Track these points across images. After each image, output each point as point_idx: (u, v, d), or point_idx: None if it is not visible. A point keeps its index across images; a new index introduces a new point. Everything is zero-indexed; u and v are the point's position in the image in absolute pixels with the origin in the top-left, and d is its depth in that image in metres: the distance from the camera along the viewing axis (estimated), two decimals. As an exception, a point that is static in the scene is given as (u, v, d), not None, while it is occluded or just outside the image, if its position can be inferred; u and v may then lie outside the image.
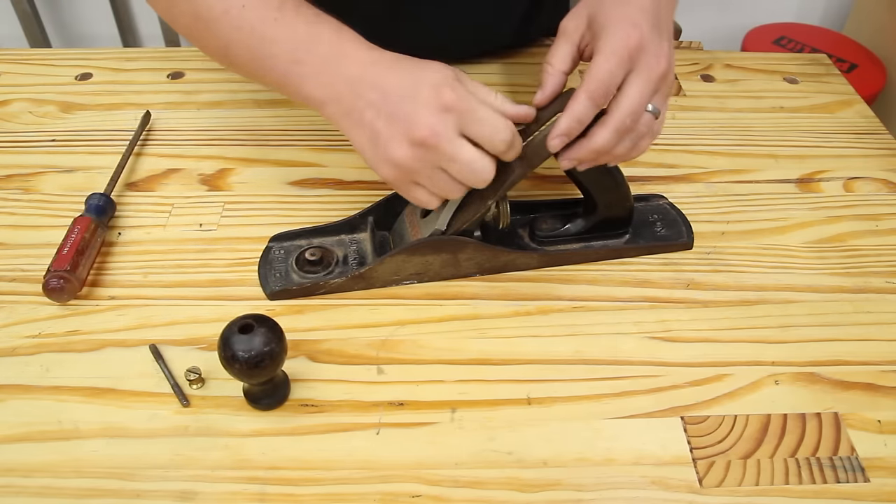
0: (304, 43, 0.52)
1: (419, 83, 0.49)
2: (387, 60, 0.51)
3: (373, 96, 0.50)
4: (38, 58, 0.85)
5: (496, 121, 0.49)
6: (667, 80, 0.52)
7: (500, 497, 0.47)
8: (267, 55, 0.54)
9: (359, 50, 0.52)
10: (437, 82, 0.48)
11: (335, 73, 0.51)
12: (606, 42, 0.50)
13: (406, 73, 0.50)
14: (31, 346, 0.54)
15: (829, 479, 0.48)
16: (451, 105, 0.48)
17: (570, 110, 0.50)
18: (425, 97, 0.48)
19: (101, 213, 0.62)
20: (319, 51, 0.52)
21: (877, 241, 0.65)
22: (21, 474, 0.47)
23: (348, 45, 0.52)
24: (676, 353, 0.55)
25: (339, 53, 0.52)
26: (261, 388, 0.50)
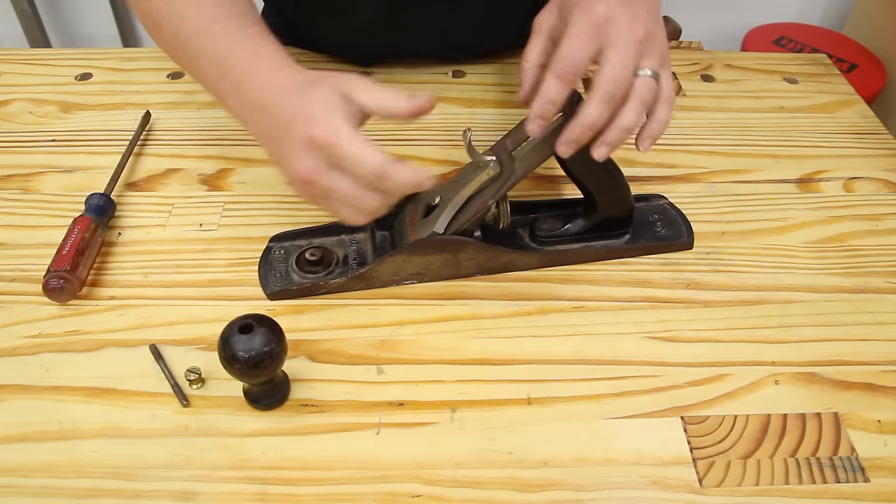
0: (225, 61, 0.54)
1: (296, 115, 0.50)
2: (278, 85, 0.52)
3: (263, 125, 0.53)
4: (38, 58, 0.85)
5: (360, 157, 0.48)
6: (651, 43, 0.51)
7: (500, 497, 0.47)
8: (196, 68, 0.57)
9: (263, 73, 0.53)
10: (311, 115, 0.49)
11: (242, 95, 0.54)
12: (572, 23, 0.51)
13: (291, 101, 0.51)
14: (31, 346, 0.54)
15: (829, 479, 0.48)
16: (318, 143, 0.48)
17: (539, 93, 0.51)
18: (298, 134, 0.49)
19: (101, 213, 0.62)
20: (233, 73, 0.54)
21: (877, 241, 0.65)
22: (21, 474, 0.47)
23: (258, 67, 0.53)
24: (676, 353, 0.55)
25: (247, 76, 0.53)
26: (261, 388, 0.50)
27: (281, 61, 0.54)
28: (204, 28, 0.56)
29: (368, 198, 0.50)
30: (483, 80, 0.83)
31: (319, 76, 0.52)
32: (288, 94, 0.51)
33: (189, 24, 0.56)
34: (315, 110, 0.49)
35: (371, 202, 0.51)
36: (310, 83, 0.51)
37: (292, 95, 0.51)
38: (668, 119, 0.54)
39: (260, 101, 0.52)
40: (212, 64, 0.55)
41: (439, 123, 0.76)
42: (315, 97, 0.50)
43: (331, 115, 0.49)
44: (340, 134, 0.48)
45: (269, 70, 0.53)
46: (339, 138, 0.48)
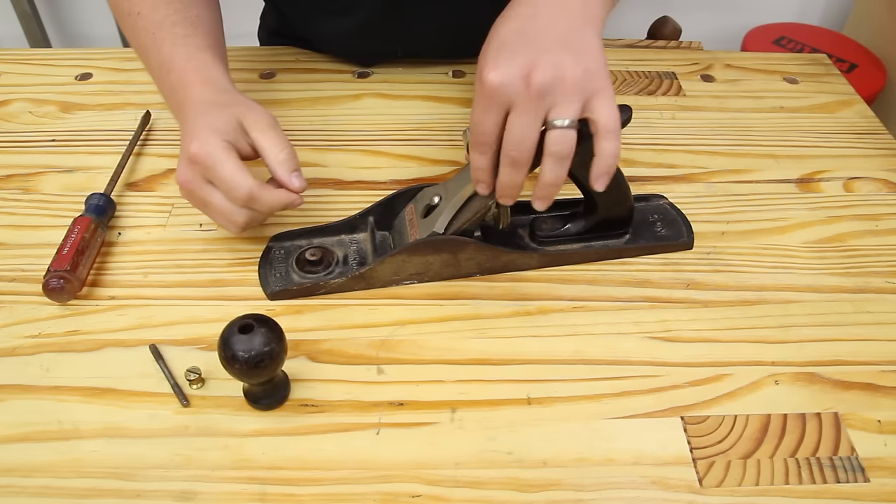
0: (164, 65, 0.61)
1: (190, 129, 0.55)
2: (195, 98, 0.58)
3: (181, 128, 0.58)
4: (38, 58, 0.85)
5: (230, 181, 0.53)
6: (552, 94, 0.46)
7: (500, 497, 0.47)
8: (147, 64, 0.64)
9: (190, 85, 0.59)
10: (196, 133, 0.54)
11: (173, 99, 0.61)
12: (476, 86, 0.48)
13: (195, 115, 0.56)
14: (31, 346, 0.54)
15: (829, 479, 0.48)
16: (195, 159, 0.54)
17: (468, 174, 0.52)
18: (184, 145, 0.55)
19: (101, 213, 0.62)
20: (170, 77, 0.60)
21: (877, 241, 0.65)
22: (21, 474, 0.47)
23: (188, 78, 0.59)
24: (676, 353, 0.55)
25: (180, 84, 0.59)
26: (261, 388, 0.50)
27: (208, 77, 0.59)
28: (153, 30, 0.62)
29: (240, 213, 0.55)
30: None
31: (232, 102, 0.57)
32: (195, 109, 0.57)
33: (142, 23, 0.62)
34: (201, 129, 0.54)
35: (241, 217, 0.56)
36: (217, 105, 0.57)
37: (198, 111, 0.56)
38: (614, 151, 0.48)
39: (181, 108, 0.59)
40: (156, 65, 0.61)
41: (439, 123, 0.76)
42: (210, 117, 0.55)
43: (212, 137, 0.54)
44: (214, 156, 0.53)
45: (195, 83, 0.58)
46: (213, 160, 0.53)
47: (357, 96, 0.80)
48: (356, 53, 0.84)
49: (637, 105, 0.78)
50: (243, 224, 0.56)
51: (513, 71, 0.46)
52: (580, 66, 0.47)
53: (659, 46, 0.92)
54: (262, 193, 0.54)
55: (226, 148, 0.54)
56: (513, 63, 0.46)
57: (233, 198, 0.54)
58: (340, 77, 0.83)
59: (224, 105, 0.57)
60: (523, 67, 0.46)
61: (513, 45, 0.47)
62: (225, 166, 0.53)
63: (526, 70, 0.46)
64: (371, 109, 0.78)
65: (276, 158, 0.55)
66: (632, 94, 0.82)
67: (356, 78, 0.83)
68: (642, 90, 0.83)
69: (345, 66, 0.84)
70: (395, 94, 0.80)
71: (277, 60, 0.85)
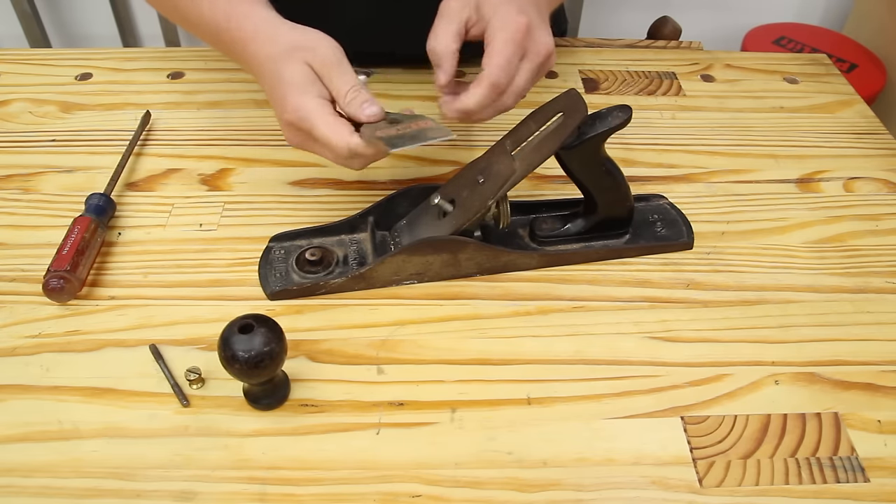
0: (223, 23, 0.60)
1: (273, 92, 0.55)
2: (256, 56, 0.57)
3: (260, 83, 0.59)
4: (38, 58, 0.85)
5: (330, 141, 0.53)
6: (549, 63, 0.58)
7: (500, 497, 0.47)
8: (195, 31, 0.64)
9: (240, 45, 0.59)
10: (282, 96, 0.54)
11: (236, 57, 0.61)
12: (501, 29, 0.55)
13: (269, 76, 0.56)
14: (31, 346, 0.54)
15: (829, 479, 0.48)
16: (293, 124, 0.54)
17: (476, 98, 0.56)
18: (278, 110, 0.56)
19: (101, 213, 0.62)
20: (223, 39, 0.60)
21: (877, 241, 0.65)
22: (21, 474, 0.47)
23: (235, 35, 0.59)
24: (676, 353, 0.55)
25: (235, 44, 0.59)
26: (261, 388, 0.50)
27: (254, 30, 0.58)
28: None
29: (352, 162, 0.55)
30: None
31: (291, 47, 0.55)
32: (264, 69, 0.56)
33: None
34: (283, 93, 0.54)
35: (356, 164, 0.55)
36: (280, 59, 0.55)
37: (268, 71, 0.56)
38: None
39: (248, 66, 0.59)
40: (211, 27, 0.61)
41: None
42: (285, 75, 0.54)
43: (297, 99, 0.53)
44: (310, 117, 0.53)
45: (247, 42, 0.58)
46: (309, 122, 0.53)
47: (357, 96, 0.80)
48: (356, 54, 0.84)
49: (637, 105, 0.78)
50: (360, 167, 0.56)
51: (541, 29, 0.58)
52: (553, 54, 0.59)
53: (659, 46, 0.92)
54: (360, 148, 0.53)
55: (314, 107, 0.53)
56: (539, 20, 0.58)
57: (336, 155, 0.54)
58: (340, 77, 0.83)
59: (286, 55, 0.55)
60: (543, 31, 0.58)
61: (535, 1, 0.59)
62: (318, 128, 0.53)
63: (544, 35, 0.58)
64: (371, 109, 0.78)
65: (345, 99, 0.54)
66: (632, 94, 0.82)
67: (356, 78, 0.83)
68: (642, 90, 0.83)
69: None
70: (395, 94, 0.80)
71: (277, 60, 0.85)
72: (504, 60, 0.55)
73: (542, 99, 0.58)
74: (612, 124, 0.55)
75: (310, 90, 0.54)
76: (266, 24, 0.58)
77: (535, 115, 0.57)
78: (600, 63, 0.86)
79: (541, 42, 0.57)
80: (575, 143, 0.55)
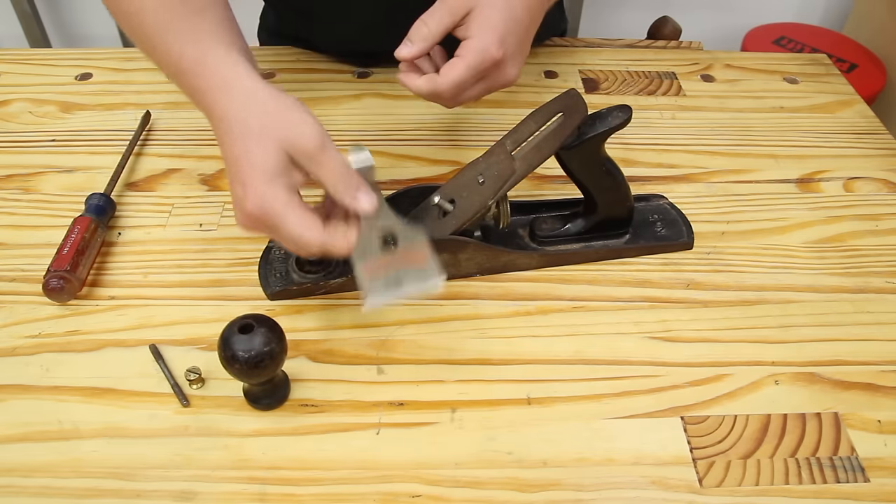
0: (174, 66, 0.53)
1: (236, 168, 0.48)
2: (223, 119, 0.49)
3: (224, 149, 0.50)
4: (38, 58, 0.85)
5: (299, 239, 0.48)
6: (509, 85, 0.59)
7: (500, 497, 0.47)
8: (159, 65, 0.57)
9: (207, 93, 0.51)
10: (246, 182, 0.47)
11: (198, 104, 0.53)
12: (474, 51, 0.55)
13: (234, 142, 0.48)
14: (31, 346, 0.54)
15: (829, 479, 0.48)
16: (255, 217, 0.47)
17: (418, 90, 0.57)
18: (237, 193, 0.48)
19: (101, 213, 0.62)
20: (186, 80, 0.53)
21: (877, 241, 0.65)
22: (21, 474, 0.47)
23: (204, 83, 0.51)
24: (676, 353, 0.55)
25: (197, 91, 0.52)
26: (261, 388, 0.50)
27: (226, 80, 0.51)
28: (165, 27, 0.54)
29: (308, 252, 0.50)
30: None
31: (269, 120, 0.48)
32: (230, 135, 0.49)
33: (151, 19, 0.54)
34: (248, 176, 0.47)
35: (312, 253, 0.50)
36: (253, 131, 0.48)
37: (234, 141, 0.48)
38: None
39: (211, 119, 0.51)
40: (169, 67, 0.55)
41: (439, 123, 0.76)
42: (254, 155, 0.47)
43: (265, 188, 0.47)
44: (273, 215, 0.47)
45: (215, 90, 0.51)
46: (274, 219, 0.47)
47: (357, 96, 0.80)
48: (356, 54, 0.84)
49: (637, 105, 0.78)
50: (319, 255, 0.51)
51: (513, 59, 0.58)
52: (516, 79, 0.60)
53: (659, 46, 0.92)
54: (332, 243, 0.48)
55: (284, 200, 0.47)
56: (517, 50, 0.58)
57: (304, 250, 0.49)
58: (340, 77, 0.83)
59: (260, 132, 0.48)
60: (515, 61, 0.58)
61: (524, 28, 0.59)
62: (287, 225, 0.47)
63: (515, 64, 0.59)
64: (371, 109, 0.78)
65: (334, 190, 0.48)
66: (632, 94, 0.82)
67: (356, 78, 0.83)
68: (642, 90, 0.83)
69: (345, 66, 0.84)
70: (395, 94, 0.80)
71: (277, 60, 0.85)
72: (458, 80, 0.56)
73: (542, 99, 0.58)
74: (612, 124, 0.55)
75: (279, 180, 0.47)
76: (241, 81, 0.50)
77: (535, 115, 0.57)
78: (600, 63, 0.86)
79: (505, 74, 0.58)
80: (575, 143, 0.55)
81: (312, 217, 0.48)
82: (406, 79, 0.58)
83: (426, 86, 0.57)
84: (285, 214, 0.47)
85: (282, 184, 0.47)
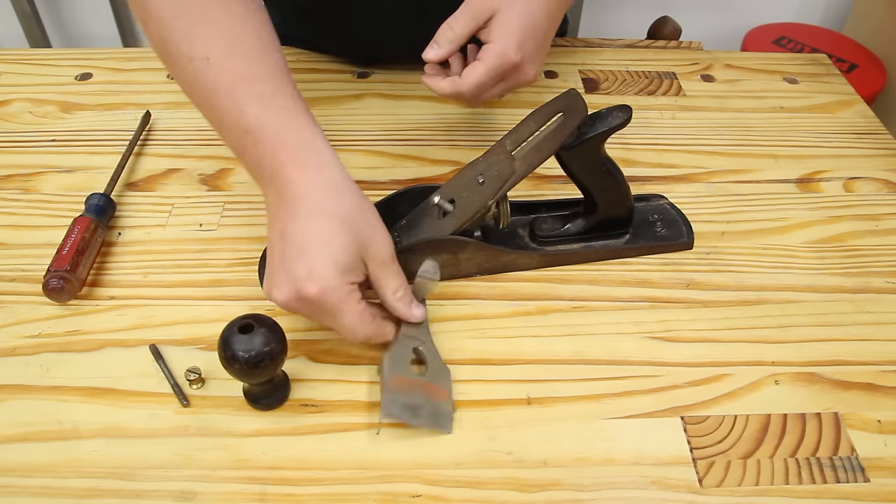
0: (250, 132, 0.49)
1: (301, 250, 0.47)
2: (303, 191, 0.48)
3: (273, 211, 0.49)
4: (38, 58, 0.85)
5: (351, 332, 0.49)
6: (528, 85, 0.63)
7: (500, 497, 0.47)
8: (219, 125, 0.52)
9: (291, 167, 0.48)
10: (314, 268, 0.46)
11: (259, 171, 0.50)
12: (494, 54, 0.59)
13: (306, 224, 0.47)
14: (31, 346, 0.54)
15: (829, 479, 0.48)
16: (313, 301, 0.47)
17: (441, 90, 0.61)
18: (292, 272, 0.47)
19: (101, 213, 0.62)
20: (256, 149, 0.49)
21: (877, 241, 0.65)
22: (21, 474, 0.47)
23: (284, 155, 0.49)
24: (676, 353, 0.55)
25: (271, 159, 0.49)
26: (261, 388, 0.50)
27: (318, 156, 0.49)
28: (232, 85, 0.50)
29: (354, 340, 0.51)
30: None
31: (352, 213, 0.48)
32: (310, 215, 0.47)
33: (214, 75, 0.50)
34: (322, 266, 0.46)
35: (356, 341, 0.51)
36: (338, 222, 0.47)
37: (311, 214, 0.47)
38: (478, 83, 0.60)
39: (277, 190, 0.49)
40: (236, 128, 0.50)
41: (439, 123, 0.76)
42: (333, 249, 0.47)
43: (336, 280, 0.47)
44: (336, 306, 0.47)
45: (300, 165, 0.48)
46: (335, 309, 0.48)
47: (357, 96, 0.80)
48: (359, 55, 0.84)
49: (637, 105, 0.78)
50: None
51: (531, 62, 0.62)
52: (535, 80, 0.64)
53: (659, 46, 0.92)
54: (378, 335, 0.51)
55: (349, 294, 0.48)
56: (535, 53, 0.61)
57: (350, 337, 0.50)
58: (341, 77, 0.83)
59: (346, 221, 0.48)
60: (533, 63, 0.62)
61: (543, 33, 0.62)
62: (346, 316, 0.48)
63: (534, 66, 0.63)
64: (371, 109, 0.78)
65: (394, 297, 0.51)
66: (632, 94, 0.82)
67: (357, 78, 0.83)
68: (642, 90, 0.83)
69: (345, 66, 0.84)
70: (396, 94, 0.80)
71: (277, 60, 0.85)
72: (478, 82, 0.59)
73: (542, 99, 0.58)
74: (612, 124, 0.55)
75: (348, 276, 0.48)
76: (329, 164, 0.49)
77: (535, 115, 0.57)
78: (600, 63, 0.86)
79: (524, 75, 0.61)
80: (575, 143, 0.55)
81: (366, 311, 0.49)
82: (430, 81, 0.62)
83: (449, 87, 0.61)
84: (344, 309, 0.48)
85: (348, 280, 0.48)
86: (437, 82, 0.61)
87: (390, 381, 0.50)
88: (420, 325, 0.54)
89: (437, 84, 0.61)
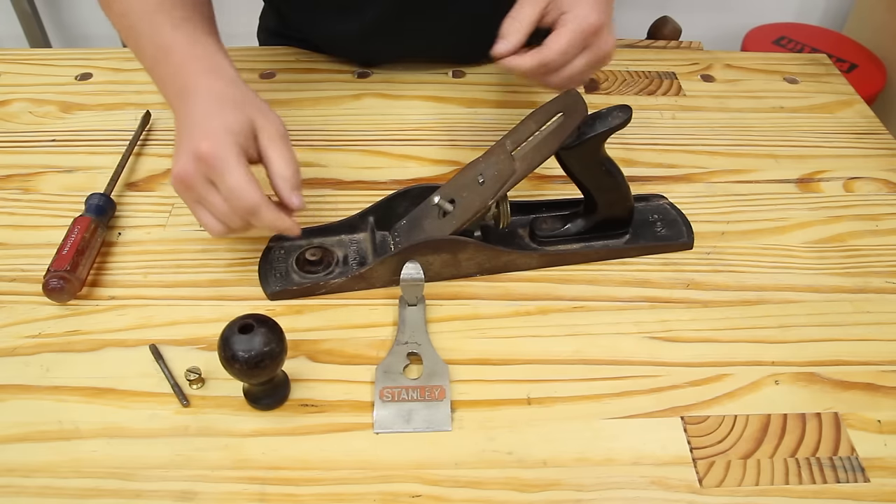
0: (163, 48, 0.57)
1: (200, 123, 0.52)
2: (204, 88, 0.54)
3: (179, 115, 0.55)
4: (38, 58, 0.85)
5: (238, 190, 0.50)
6: (606, 61, 0.61)
7: (500, 497, 0.47)
8: (140, 49, 0.60)
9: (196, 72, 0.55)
10: (208, 131, 0.51)
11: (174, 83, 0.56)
12: (573, 20, 0.57)
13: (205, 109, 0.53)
14: (31, 346, 0.54)
15: (829, 479, 0.48)
16: (202, 157, 0.50)
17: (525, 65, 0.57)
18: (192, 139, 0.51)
19: (101, 213, 0.62)
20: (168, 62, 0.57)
21: (877, 241, 0.65)
22: (21, 474, 0.47)
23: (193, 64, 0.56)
24: (676, 353, 0.55)
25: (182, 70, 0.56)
26: (261, 388, 0.50)
27: (215, 65, 0.56)
28: (150, 11, 0.58)
29: (233, 220, 0.53)
30: (483, 79, 0.83)
31: (244, 100, 0.54)
32: (205, 101, 0.53)
33: (137, 6, 0.59)
34: (215, 127, 0.51)
35: (235, 224, 0.53)
36: (229, 101, 0.53)
37: (210, 104, 0.53)
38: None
39: (183, 95, 0.55)
40: (152, 48, 0.58)
41: (439, 123, 0.76)
42: (226, 116, 0.52)
43: (227, 138, 0.51)
44: (226, 160, 0.50)
45: (201, 72, 0.55)
46: (224, 164, 0.50)
47: (357, 96, 0.80)
48: (358, 55, 0.84)
49: (637, 105, 0.78)
50: (232, 231, 0.54)
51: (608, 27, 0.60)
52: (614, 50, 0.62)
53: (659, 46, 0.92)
54: (265, 210, 0.51)
55: (238, 153, 0.51)
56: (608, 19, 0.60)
57: (234, 206, 0.51)
58: (340, 77, 0.83)
59: (237, 102, 0.54)
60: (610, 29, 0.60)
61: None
62: (234, 172, 0.50)
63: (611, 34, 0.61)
64: (371, 109, 0.78)
65: (280, 173, 0.53)
66: (632, 94, 0.82)
67: (356, 78, 0.83)
68: (642, 90, 0.83)
69: (345, 66, 0.84)
70: (396, 94, 0.80)
71: (277, 60, 0.85)
72: (563, 47, 0.57)
73: (542, 99, 0.58)
74: (612, 124, 0.55)
75: (239, 139, 0.51)
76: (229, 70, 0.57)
77: (535, 115, 0.57)
78: (600, 63, 0.86)
79: (605, 42, 0.59)
80: (575, 143, 0.55)
81: (255, 179, 0.51)
82: (511, 60, 0.58)
83: (532, 59, 0.57)
84: (235, 165, 0.50)
85: (239, 143, 0.51)
86: (518, 59, 0.58)
87: (382, 393, 0.51)
88: (413, 322, 0.55)
89: (518, 61, 0.57)
